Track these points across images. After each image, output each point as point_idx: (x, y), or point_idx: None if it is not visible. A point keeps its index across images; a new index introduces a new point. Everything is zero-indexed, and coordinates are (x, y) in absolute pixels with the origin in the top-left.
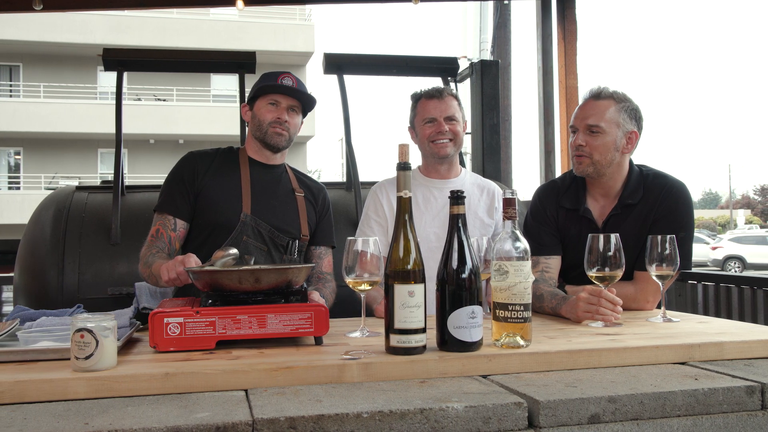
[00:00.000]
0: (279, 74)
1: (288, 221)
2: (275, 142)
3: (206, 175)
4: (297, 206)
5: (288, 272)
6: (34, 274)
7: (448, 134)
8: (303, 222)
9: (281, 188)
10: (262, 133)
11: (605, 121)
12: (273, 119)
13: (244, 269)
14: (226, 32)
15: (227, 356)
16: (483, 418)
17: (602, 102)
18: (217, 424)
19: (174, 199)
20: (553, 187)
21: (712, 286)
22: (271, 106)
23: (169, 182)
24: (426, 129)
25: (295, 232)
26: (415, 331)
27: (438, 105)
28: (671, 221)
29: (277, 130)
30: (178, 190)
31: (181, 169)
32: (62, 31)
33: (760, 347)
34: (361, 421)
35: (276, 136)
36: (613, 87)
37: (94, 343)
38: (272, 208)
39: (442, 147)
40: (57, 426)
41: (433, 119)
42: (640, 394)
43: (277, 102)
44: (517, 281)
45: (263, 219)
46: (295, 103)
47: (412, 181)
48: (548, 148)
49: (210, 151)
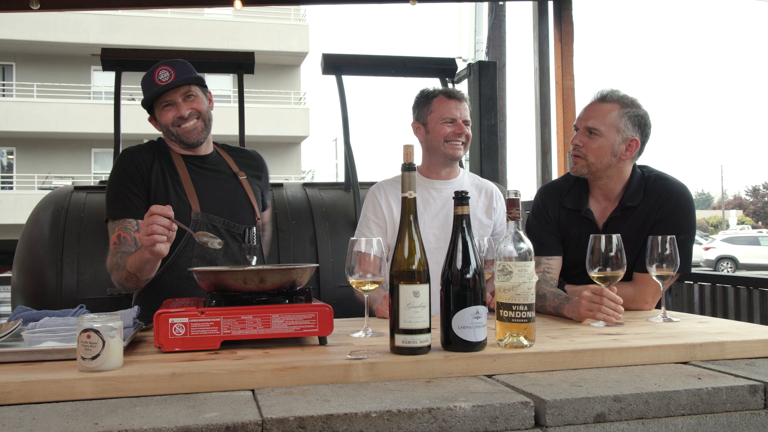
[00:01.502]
0: (153, 72)
1: (239, 208)
2: (192, 139)
3: (150, 176)
4: (244, 190)
5: (293, 272)
6: (32, 275)
7: (464, 137)
8: (255, 205)
9: (222, 175)
10: (175, 137)
11: (605, 124)
12: (173, 119)
13: (249, 269)
14: (220, 32)
15: (232, 356)
16: (490, 418)
17: (606, 105)
18: (226, 424)
19: (129, 200)
20: (555, 187)
21: (708, 286)
22: (167, 107)
23: (116, 185)
24: (445, 128)
25: (249, 218)
26: (420, 331)
27: (458, 106)
28: (672, 224)
29: (186, 127)
30: (131, 192)
31: (125, 169)
32: (55, 30)
33: (761, 347)
34: (369, 421)
35: (188, 134)
36: (623, 91)
37: (101, 344)
38: (221, 200)
39: (457, 149)
40: (66, 426)
41: (454, 120)
42: (645, 393)
43: (169, 102)
44: (521, 281)
45: (215, 213)
46: (184, 90)
47: None
48: (545, 148)
49: (145, 149)
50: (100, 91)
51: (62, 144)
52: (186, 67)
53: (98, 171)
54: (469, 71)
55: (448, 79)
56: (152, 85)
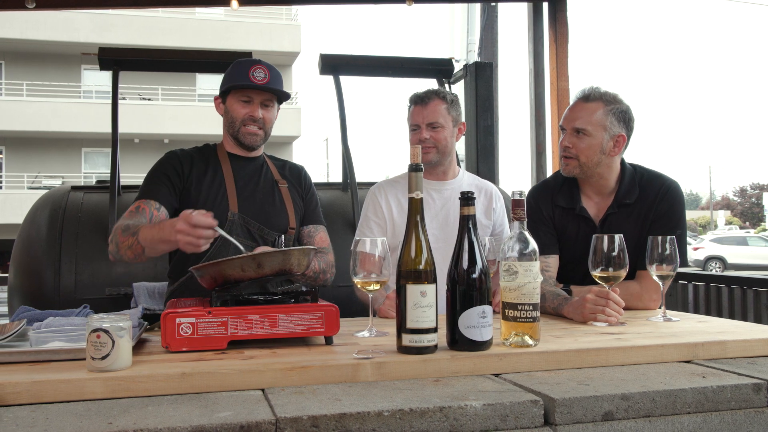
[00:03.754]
0: (250, 66)
1: (275, 213)
2: (250, 142)
3: (191, 175)
4: (283, 198)
5: (291, 254)
6: (30, 275)
7: (428, 141)
8: (291, 214)
9: (264, 180)
10: (234, 131)
11: (591, 124)
12: (245, 116)
13: (245, 255)
14: (211, 32)
15: (240, 356)
16: (500, 416)
17: (590, 104)
18: (241, 423)
19: (159, 188)
20: (546, 186)
21: (702, 286)
22: (244, 102)
23: (151, 177)
24: (412, 136)
25: (283, 225)
26: (427, 330)
27: (421, 111)
28: (669, 220)
29: (251, 129)
30: (164, 183)
31: (165, 165)
32: (46, 28)
33: (761, 346)
34: (382, 420)
35: (249, 137)
36: (604, 88)
37: (111, 344)
38: (259, 204)
39: (424, 154)
40: (81, 426)
41: (417, 126)
42: (651, 391)
43: (250, 98)
44: (526, 281)
45: (251, 216)
46: (268, 96)
47: (407, 181)
48: (539, 149)
49: (190, 150)
50: (91, 90)
51: (52, 143)
52: (279, 77)
53: (88, 170)
54: (465, 72)
55: (445, 79)
56: (243, 77)
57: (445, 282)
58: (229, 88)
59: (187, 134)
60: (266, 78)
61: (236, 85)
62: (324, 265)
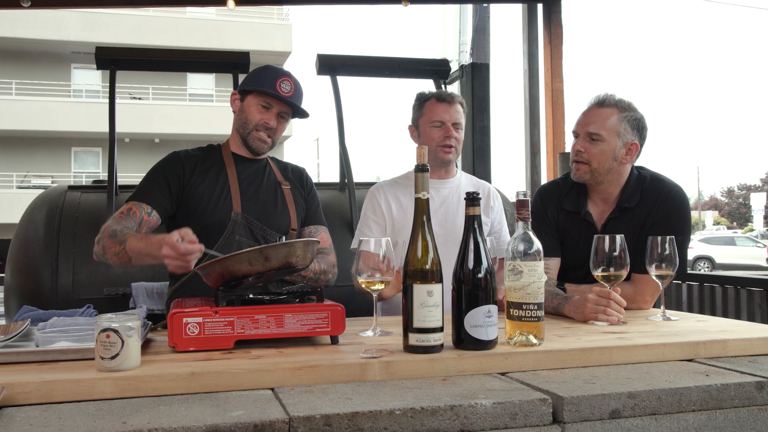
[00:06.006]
0: (280, 75)
1: (278, 216)
2: (257, 147)
3: (193, 176)
4: (285, 199)
5: (296, 246)
6: (27, 275)
7: (453, 141)
8: (293, 215)
9: (267, 181)
10: (246, 133)
11: (606, 129)
12: (260, 121)
13: (251, 249)
14: (202, 31)
15: (248, 356)
16: (510, 414)
17: (605, 110)
18: (254, 422)
19: (154, 191)
20: (555, 188)
21: (696, 285)
22: (263, 108)
23: (149, 177)
24: (434, 132)
25: (284, 226)
26: (433, 329)
27: (448, 109)
28: (668, 225)
29: (261, 136)
30: (159, 186)
31: (165, 167)
32: (35, 27)
33: (762, 344)
34: (393, 418)
35: (258, 143)
36: (619, 95)
37: (120, 343)
38: (261, 204)
39: (447, 152)
40: (95, 425)
41: (443, 123)
42: (657, 390)
43: (270, 106)
44: (531, 281)
45: (254, 216)
46: (286, 110)
47: (407, 181)
48: (534, 149)
49: (194, 151)
50: (81, 89)
51: (42, 142)
52: (302, 94)
53: (78, 170)
54: (461, 73)
55: (441, 80)
56: (270, 85)
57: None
58: (252, 89)
59: (178, 134)
60: (291, 92)
61: (261, 90)
62: (325, 266)
